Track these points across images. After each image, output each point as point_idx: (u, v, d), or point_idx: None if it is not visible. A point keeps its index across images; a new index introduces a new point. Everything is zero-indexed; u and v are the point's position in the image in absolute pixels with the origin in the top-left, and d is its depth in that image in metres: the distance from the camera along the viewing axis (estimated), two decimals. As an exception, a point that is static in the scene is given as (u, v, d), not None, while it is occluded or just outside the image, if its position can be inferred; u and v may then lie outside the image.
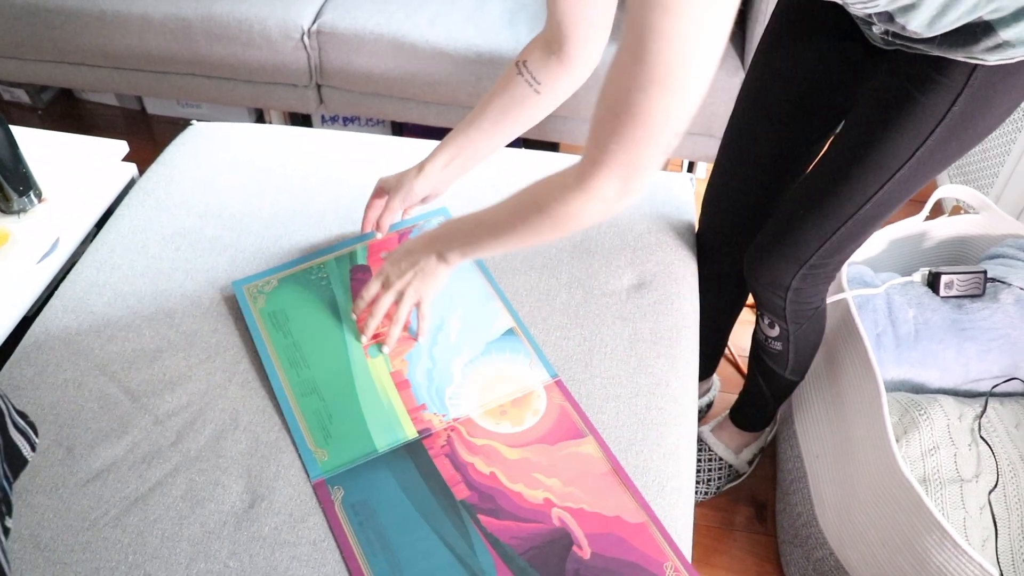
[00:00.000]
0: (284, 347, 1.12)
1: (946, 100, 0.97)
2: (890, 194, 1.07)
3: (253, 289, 1.19)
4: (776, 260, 1.21)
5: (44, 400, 1.07)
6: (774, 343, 1.35)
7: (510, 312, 1.17)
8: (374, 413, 1.05)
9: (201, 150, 1.45)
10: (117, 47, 2.13)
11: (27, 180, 1.38)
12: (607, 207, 0.85)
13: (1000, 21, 0.88)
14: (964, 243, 1.64)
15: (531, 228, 0.92)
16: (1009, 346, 1.41)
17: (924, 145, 1.01)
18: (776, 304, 1.27)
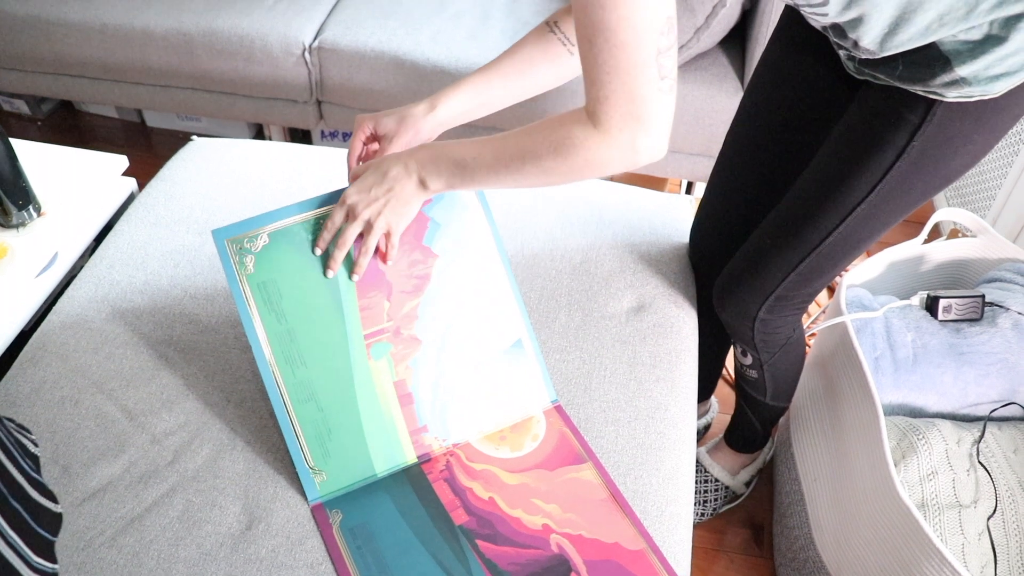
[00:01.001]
0: (278, 336, 0.99)
1: (905, 135, 0.96)
2: (853, 229, 1.06)
3: (238, 245, 1.00)
4: (742, 290, 1.21)
5: (40, 417, 1.07)
6: (749, 371, 1.36)
7: (523, 316, 1.09)
8: (375, 432, 1.02)
9: (201, 166, 1.45)
10: (118, 60, 2.13)
11: (27, 194, 1.38)
12: (624, 151, 0.82)
13: (956, 55, 0.87)
14: (962, 266, 1.64)
15: (541, 168, 0.87)
16: (1007, 370, 1.41)
17: (884, 181, 1.00)
18: (745, 334, 1.27)
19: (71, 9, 2.11)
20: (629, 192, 1.42)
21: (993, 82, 0.88)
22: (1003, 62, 0.87)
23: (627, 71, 0.77)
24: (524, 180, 0.90)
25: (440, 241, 1.06)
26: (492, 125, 2.00)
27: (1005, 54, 0.86)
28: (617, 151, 0.82)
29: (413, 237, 1.05)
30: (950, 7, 0.84)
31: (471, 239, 1.08)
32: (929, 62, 0.89)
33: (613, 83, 0.78)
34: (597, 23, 0.76)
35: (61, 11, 2.11)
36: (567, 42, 1.03)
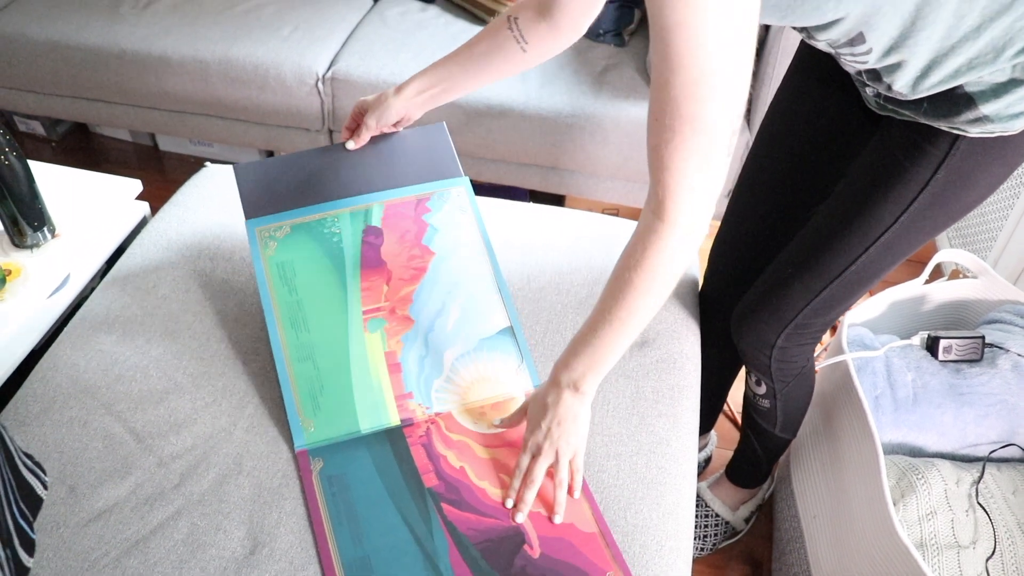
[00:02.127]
0: (288, 304, 1.15)
1: (929, 168, 0.99)
2: (874, 258, 1.09)
3: (265, 232, 1.20)
4: (762, 318, 1.23)
5: (49, 437, 1.08)
6: (762, 401, 1.37)
7: (508, 309, 1.20)
8: (363, 393, 1.11)
9: (213, 192, 1.47)
10: (135, 85, 2.17)
11: (42, 215, 1.40)
12: (690, 231, 0.85)
13: (981, 95, 0.91)
14: (963, 307, 1.66)
15: (641, 293, 0.90)
16: (1007, 411, 1.42)
17: (907, 211, 1.03)
18: (762, 362, 1.28)
19: (91, 34, 2.15)
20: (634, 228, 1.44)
21: (1013, 120, 0.93)
22: (1022, 101, 0.91)
23: (706, 157, 0.79)
24: (646, 314, 0.93)
25: (437, 241, 1.23)
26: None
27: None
28: (689, 240, 0.86)
29: (414, 238, 1.23)
30: (979, 52, 0.88)
31: (464, 241, 1.24)
32: (955, 101, 0.93)
33: (687, 172, 0.80)
34: (686, 115, 0.76)
35: (81, 36, 2.15)
36: (521, 40, 1.10)
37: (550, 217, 1.44)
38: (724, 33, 0.72)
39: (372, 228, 1.23)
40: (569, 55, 2.08)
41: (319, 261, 1.19)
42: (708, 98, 0.75)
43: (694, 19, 0.71)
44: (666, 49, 0.74)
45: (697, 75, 0.74)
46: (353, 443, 1.07)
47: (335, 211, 1.23)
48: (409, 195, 1.26)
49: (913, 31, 0.87)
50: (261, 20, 2.18)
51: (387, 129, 1.27)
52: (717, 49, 0.73)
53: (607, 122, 1.94)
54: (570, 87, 1.99)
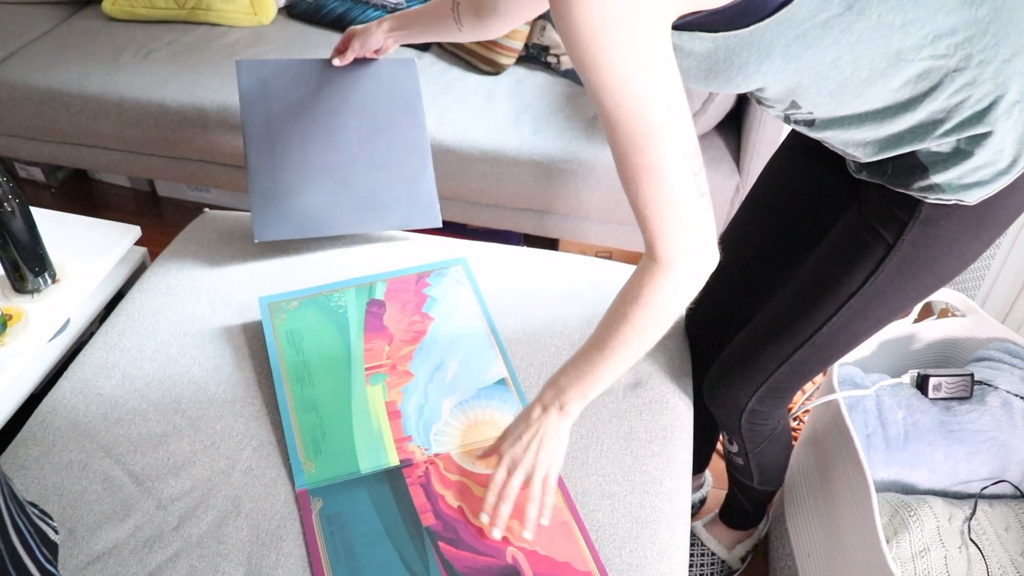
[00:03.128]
0: (294, 364, 1.23)
1: (895, 231, 1.01)
2: (845, 323, 1.10)
3: (276, 307, 1.31)
4: (734, 380, 1.24)
5: (48, 480, 1.09)
6: (736, 458, 1.38)
7: (505, 363, 1.25)
8: (364, 437, 1.14)
9: (212, 238, 1.50)
10: (134, 133, 2.21)
11: (43, 261, 1.42)
12: (691, 276, 0.89)
13: (932, 164, 0.94)
14: (952, 345, 1.68)
15: (636, 329, 0.93)
16: (997, 448, 1.43)
17: (875, 276, 1.04)
18: (732, 424, 1.29)
19: (92, 83, 2.19)
20: (627, 271, 1.46)
21: (967, 190, 0.95)
22: (974, 173, 0.93)
23: (672, 201, 0.84)
24: (639, 348, 0.96)
25: (436, 309, 1.33)
26: (494, 201, 2.04)
27: (974, 167, 0.92)
28: (685, 278, 0.89)
29: (414, 307, 1.32)
30: (920, 122, 0.91)
31: (462, 308, 1.33)
32: (911, 168, 0.96)
33: (663, 216, 0.84)
34: (637, 166, 0.82)
35: (82, 85, 2.19)
36: (458, 22, 1.29)
37: (544, 261, 1.47)
38: (644, 84, 0.77)
39: (375, 301, 1.32)
40: (561, 101, 2.12)
41: (325, 328, 1.29)
42: (649, 146, 0.80)
43: (612, 80, 0.77)
44: (600, 109, 0.80)
45: (632, 128, 0.79)
46: (353, 483, 1.09)
47: (341, 288, 1.35)
48: (410, 273, 1.37)
49: (845, 103, 0.92)
50: (259, 69, 2.23)
51: (369, 55, 1.46)
52: (643, 99, 0.78)
53: (599, 166, 1.98)
54: (562, 132, 2.03)
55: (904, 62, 0.86)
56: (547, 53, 2.24)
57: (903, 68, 0.87)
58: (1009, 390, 1.47)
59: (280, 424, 1.16)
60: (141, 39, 2.37)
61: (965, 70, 0.87)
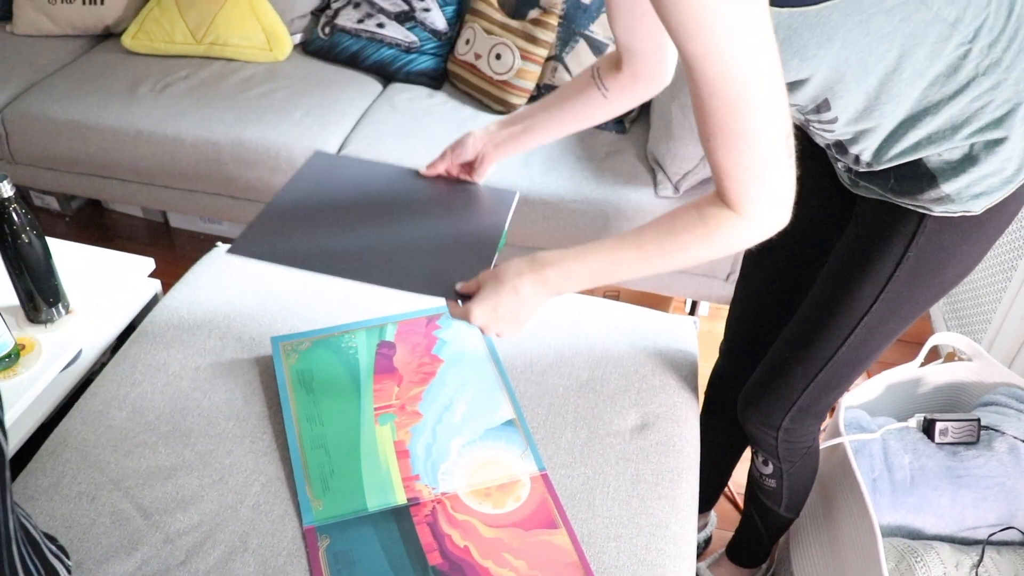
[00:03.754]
0: (304, 403, 1.24)
1: (901, 246, 1.04)
2: (863, 338, 1.13)
3: (288, 346, 1.32)
4: (766, 402, 1.26)
5: (57, 512, 1.10)
6: (768, 480, 1.38)
7: (513, 404, 1.26)
8: (372, 475, 1.15)
9: (225, 272, 1.51)
10: (149, 164, 2.24)
11: (57, 292, 1.44)
12: (765, 229, 0.87)
13: (942, 172, 0.96)
14: (958, 389, 1.68)
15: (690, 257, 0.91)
16: (1004, 494, 1.43)
17: (885, 290, 1.08)
18: (769, 443, 1.31)
19: (109, 115, 2.23)
20: (636, 312, 1.47)
21: (974, 200, 0.97)
22: (982, 182, 0.96)
23: (766, 164, 0.82)
24: (670, 268, 0.94)
25: (446, 351, 1.34)
26: (504, 237, 2.07)
27: (983, 175, 0.95)
28: (759, 230, 0.87)
29: (424, 349, 1.34)
30: (939, 127, 0.93)
31: (471, 350, 1.34)
32: (919, 178, 0.98)
33: (752, 176, 0.82)
34: (734, 131, 0.79)
35: (100, 117, 2.23)
36: (603, 88, 1.16)
37: (552, 301, 1.48)
38: (748, 50, 0.75)
39: (386, 342, 1.34)
40: (572, 141, 2.15)
41: (336, 368, 1.29)
42: (749, 113, 0.78)
43: (716, 47, 0.74)
44: (698, 78, 0.77)
45: (733, 95, 0.77)
46: (360, 521, 1.09)
47: (352, 329, 1.36)
48: (420, 316, 1.38)
49: (877, 104, 0.93)
50: (273, 104, 2.26)
51: (462, 172, 1.26)
52: (745, 67, 0.76)
53: (608, 207, 2.00)
54: (572, 172, 2.05)
55: (941, 61, 0.88)
56: (558, 93, 2.27)
57: (939, 66, 0.88)
58: (1016, 435, 1.47)
59: (289, 461, 1.17)
60: (158, 73, 2.41)
61: (992, 74, 0.89)
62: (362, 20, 2.45)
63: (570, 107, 1.20)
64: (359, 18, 2.45)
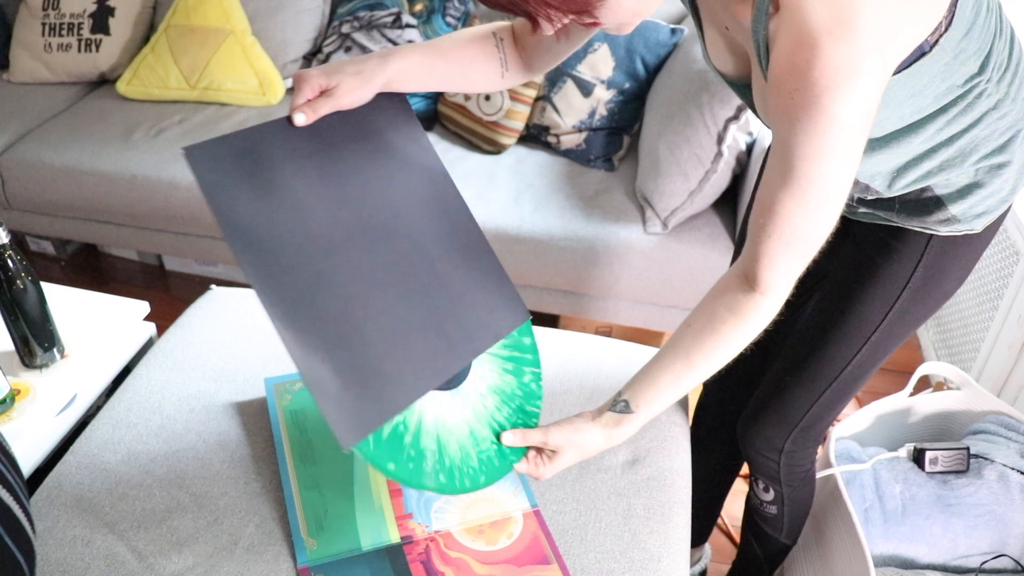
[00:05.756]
0: (299, 443, 1.24)
1: (908, 267, 1.08)
2: (868, 356, 1.16)
3: (281, 387, 1.33)
4: (769, 425, 1.28)
5: (51, 556, 1.10)
6: (769, 507, 1.39)
7: None
8: (365, 513, 1.15)
9: (219, 314, 1.53)
10: (144, 209, 2.27)
11: (52, 337, 1.45)
12: (778, 303, 0.91)
13: (948, 197, 1.01)
14: (947, 418, 1.70)
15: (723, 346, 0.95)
16: (995, 522, 1.44)
17: (893, 309, 1.11)
18: (770, 468, 1.32)
19: (105, 161, 2.26)
20: (627, 348, 1.49)
21: (977, 219, 1.03)
22: (984, 202, 1.01)
23: (805, 251, 0.87)
24: (714, 368, 0.99)
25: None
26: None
27: (986, 195, 1.00)
28: (774, 308, 0.92)
29: None
30: (950, 156, 0.97)
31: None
32: (925, 203, 1.02)
33: (787, 256, 0.87)
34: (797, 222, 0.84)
35: (96, 162, 2.26)
36: (504, 64, 1.10)
37: (543, 338, 1.50)
38: (844, 164, 0.80)
39: None
40: (561, 180, 2.18)
41: None
42: (817, 218, 0.83)
43: (823, 152, 0.78)
44: (790, 171, 0.81)
45: (813, 199, 0.82)
46: (354, 560, 1.10)
47: None
48: None
49: (903, 142, 0.95)
50: (267, 147, 2.29)
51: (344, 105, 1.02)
52: (837, 178, 0.80)
53: (598, 244, 2.02)
54: (562, 211, 2.08)
55: (963, 100, 0.92)
56: (547, 133, 2.31)
57: (960, 105, 0.92)
58: (1006, 463, 1.48)
59: (283, 501, 1.17)
60: (153, 118, 2.45)
61: (1001, 107, 0.94)
62: (353, 64, 2.49)
63: (470, 74, 1.09)
64: (350, 62, 2.49)
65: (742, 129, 1.88)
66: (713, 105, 1.87)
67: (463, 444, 1.03)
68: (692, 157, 1.90)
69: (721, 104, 1.86)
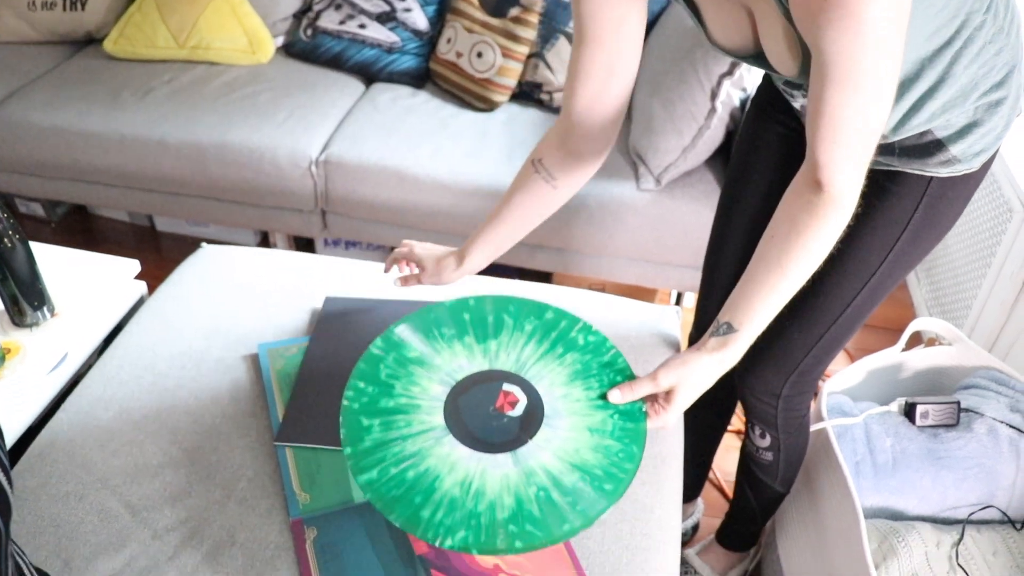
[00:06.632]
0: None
1: (907, 209, 1.09)
2: (866, 298, 1.17)
3: (275, 352, 1.34)
4: (767, 370, 1.28)
5: (45, 512, 1.10)
6: (764, 453, 1.40)
7: None
8: None
9: (210, 272, 1.52)
10: (133, 169, 2.24)
11: (42, 295, 1.44)
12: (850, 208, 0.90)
13: (948, 138, 1.01)
14: (939, 374, 1.70)
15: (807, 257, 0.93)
16: (984, 475, 1.45)
17: (892, 252, 1.12)
18: (768, 413, 1.33)
19: (94, 121, 2.23)
20: (621, 304, 1.49)
21: (975, 157, 1.03)
22: (982, 140, 1.02)
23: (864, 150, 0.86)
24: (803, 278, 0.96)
25: None
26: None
27: (983, 133, 1.01)
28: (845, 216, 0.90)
29: None
30: (952, 96, 0.97)
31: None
32: (926, 146, 1.03)
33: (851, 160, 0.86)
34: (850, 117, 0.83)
35: (84, 122, 2.23)
36: (550, 178, 1.15)
37: (537, 294, 1.49)
38: (885, 58, 0.79)
39: None
40: (553, 136, 2.17)
41: None
42: (867, 116, 0.83)
43: (860, 50, 0.78)
44: (832, 74, 0.81)
45: (860, 98, 0.82)
46: (346, 512, 1.10)
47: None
48: None
49: (916, 80, 0.96)
50: (256, 107, 2.27)
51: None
52: (880, 73, 0.80)
53: (591, 200, 2.01)
54: (554, 167, 2.06)
55: (964, 33, 0.92)
56: (540, 90, 2.29)
57: (962, 38, 0.92)
58: (995, 417, 1.49)
59: (275, 455, 1.18)
60: (141, 78, 2.42)
61: (997, 40, 0.95)
62: (344, 21, 2.46)
63: (523, 213, 1.18)
64: (341, 19, 2.46)
65: (736, 85, 1.86)
66: (707, 61, 1.85)
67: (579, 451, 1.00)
68: (686, 113, 1.88)
69: (715, 60, 1.84)
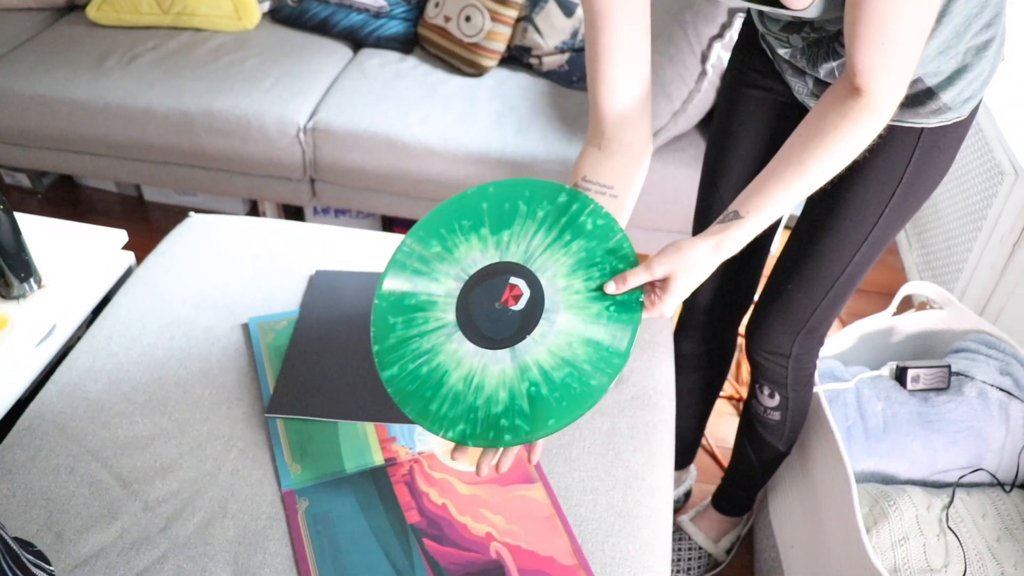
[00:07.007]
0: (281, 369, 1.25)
1: (901, 163, 1.09)
2: (866, 253, 1.17)
3: (265, 325, 1.33)
4: (775, 330, 1.29)
5: (35, 485, 1.10)
6: (772, 413, 1.41)
7: None
8: (349, 438, 1.16)
9: (198, 241, 1.51)
10: (120, 138, 2.21)
11: (28, 267, 1.43)
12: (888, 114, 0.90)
13: (939, 86, 1.00)
14: (930, 337, 1.70)
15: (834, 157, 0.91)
16: (974, 438, 1.45)
17: (888, 206, 1.12)
18: (779, 373, 1.34)
19: (78, 89, 2.19)
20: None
21: (964, 104, 1.03)
22: (970, 86, 1.01)
23: (906, 59, 0.85)
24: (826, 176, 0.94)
25: None
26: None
27: (972, 78, 1.00)
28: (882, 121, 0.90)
29: None
30: (948, 37, 0.96)
31: None
32: (917, 96, 1.02)
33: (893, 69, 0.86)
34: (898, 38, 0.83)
35: (68, 90, 2.19)
36: (605, 189, 1.03)
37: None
38: None
39: None
40: (543, 102, 2.14)
41: None
42: (908, 19, 0.82)
43: None
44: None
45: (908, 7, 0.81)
46: (338, 483, 1.10)
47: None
48: None
49: None
50: (243, 73, 2.24)
51: None
52: None
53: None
54: (545, 133, 2.04)
55: None
56: (529, 55, 2.26)
57: None
58: (985, 380, 1.49)
59: (265, 426, 1.17)
60: (126, 45, 2.37)
61: None
62: (330, -15, 2.42)
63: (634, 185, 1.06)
64: (327, -17, 2.42)
65: (726, 47, 1.84)
66: (697, 23, 1.82)
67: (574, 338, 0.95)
68: (676, 77, 1.86)
69: (705, 22, 1.81)
